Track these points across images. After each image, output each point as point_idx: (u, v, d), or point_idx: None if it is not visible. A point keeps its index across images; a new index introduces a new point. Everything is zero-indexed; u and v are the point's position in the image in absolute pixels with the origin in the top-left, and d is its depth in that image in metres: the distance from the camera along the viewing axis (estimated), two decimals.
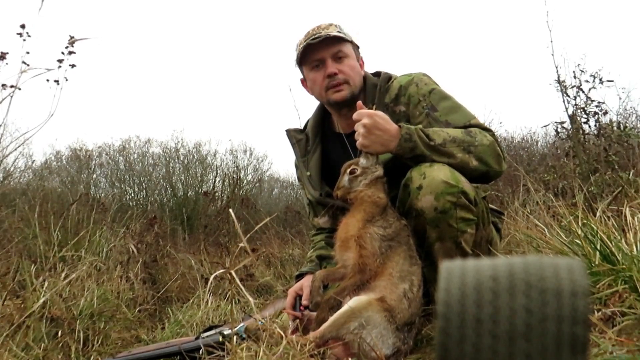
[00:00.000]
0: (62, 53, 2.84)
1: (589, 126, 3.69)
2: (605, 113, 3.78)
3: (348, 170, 1.74)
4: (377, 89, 1.97)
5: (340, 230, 1.69)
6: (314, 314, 1.66)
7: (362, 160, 1.73)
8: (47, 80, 2.84)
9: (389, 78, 2.00)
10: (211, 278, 1.73)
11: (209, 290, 3.00)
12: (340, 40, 1.92)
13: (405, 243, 1.63)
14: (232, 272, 1.45)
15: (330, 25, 1.96)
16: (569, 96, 3.60)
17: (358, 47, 2.03)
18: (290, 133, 2.16)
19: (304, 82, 2.07)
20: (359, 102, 1.74)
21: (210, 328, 1.95)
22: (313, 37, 1.90)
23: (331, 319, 1.49)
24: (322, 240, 2.12)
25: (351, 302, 1.49)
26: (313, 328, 1.54)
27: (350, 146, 1.97)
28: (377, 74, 2.04)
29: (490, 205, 1.98)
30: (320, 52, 1.92)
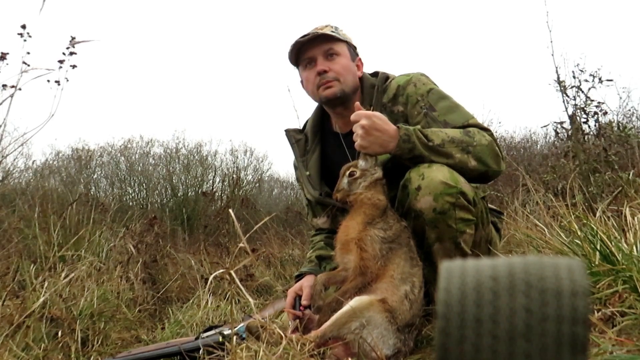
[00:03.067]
0: (63, 54, 2.84)
1: (589, 126, 3.69)
2: (605, 113, 3.78)
3: (347, 173, 1.73)
4: (375, 89, 1.97)
5: (341, 233, 1.69)
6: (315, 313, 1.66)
7: (361, 162, 1.73)
8: (48, 80, 2.84)
9: (386, 78, 2.00)
10: (211, 278, 1.73)
11: (208, 291, 3.00)
12: (331, 38, 1.93)
13: (406, 245, 1.63)
14: (232, 272, 1.45)
15: (326, 26, 1.97)
16: (568, 96, 3.60)
17: (355, 48, 2.03)
18: (290, 133, 2.16)
19: (302, 82, 2.08)
20: (357, 103, 1.74)
21: (210, 328, 1.95)
22: (303, 35, 1.91)
23: (332, 318, 1.49)
24: (322, 241, 2.11)
25: (353, 302, 1.49)
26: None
27: (348, 146, 1.97)
28: (375, 74, 2.04)
29: (489, 205, 1.98)
30: (311, 50, 1.93)
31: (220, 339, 1.69)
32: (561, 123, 3.83)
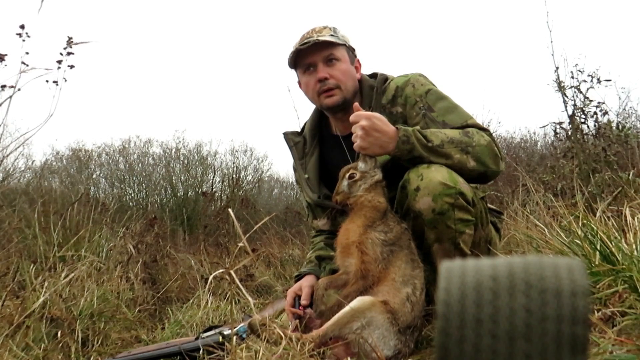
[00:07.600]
0: (61, 54, 2.84)
1: (587, 126, 3.69)
2: (605, 113, 3.77)
3: (347, 175, 1.72)
4: (374, 91, 1.97)
5: (341, 236, 1.69)
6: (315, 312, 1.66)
7: (361, 165, 1.72)
8: (47, 81, 2.84)
9: (385, 79, 2.00)
10: (211, 278, 1.73)
11: (208, 291, 3.00)
12: (331, 43, 1.92)
13: (407, 247, 1.63)
14: (232, 272, 1.45)
15: (325, 28, 1.95)
16: (567, 96, 3.60)
17: (353, 50, 2.02)
18: (288, 136, 2.15)
19: (300, 84, 2.07)
20: (356, 104, 1.73)
21: (210, 328, 1.95)
22: (303, 42, 1.90)
23: (334, 317, 1.49)
24: (322, 242, 2.11)
25: (354, 303, 1.49)
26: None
27: (348, 148, 1.97)
28: (374, 76, 2.04)
29: (489, 205, 1.98)
30: (311, 56, 1.92)
31: (220, 339, 1.69)
32: (560, 123, 3.83)
